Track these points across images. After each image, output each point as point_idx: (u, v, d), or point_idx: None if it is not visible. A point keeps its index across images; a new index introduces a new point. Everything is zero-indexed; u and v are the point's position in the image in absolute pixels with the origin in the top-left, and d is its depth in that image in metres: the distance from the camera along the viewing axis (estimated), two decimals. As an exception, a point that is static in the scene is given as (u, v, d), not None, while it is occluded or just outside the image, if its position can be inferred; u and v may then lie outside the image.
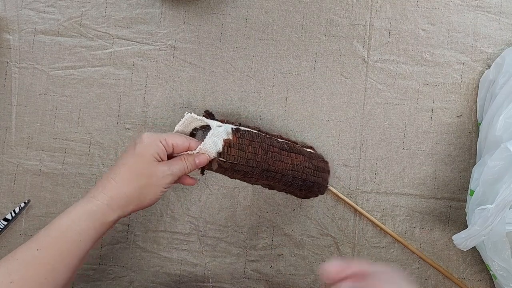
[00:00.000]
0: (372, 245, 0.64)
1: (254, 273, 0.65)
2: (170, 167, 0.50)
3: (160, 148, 0.49)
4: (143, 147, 0.49)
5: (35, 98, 0.67)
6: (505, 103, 0.55)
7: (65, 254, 0.45)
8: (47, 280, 0.43)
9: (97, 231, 0.47)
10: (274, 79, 0.67)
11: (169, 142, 0.50)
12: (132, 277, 0.65)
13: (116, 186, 0.48)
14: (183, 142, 0.51)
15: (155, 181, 0.49)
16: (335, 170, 0.65)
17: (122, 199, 0.48)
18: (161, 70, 0.67)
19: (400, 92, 0.66)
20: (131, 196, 0.48)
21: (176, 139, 0.51)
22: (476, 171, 0.57)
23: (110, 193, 0.48)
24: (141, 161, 0.49)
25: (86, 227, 0.46)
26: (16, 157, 0.66)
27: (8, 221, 0.64)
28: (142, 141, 0.50)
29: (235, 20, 0.68)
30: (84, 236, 0.46)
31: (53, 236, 0.45)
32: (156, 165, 0.49)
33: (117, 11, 0.68)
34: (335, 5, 0.67)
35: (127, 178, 0.48)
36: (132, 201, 0.49)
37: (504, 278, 0.54)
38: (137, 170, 0.49)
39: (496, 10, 0.66)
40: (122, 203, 0.48)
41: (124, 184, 0.48)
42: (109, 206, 0.47)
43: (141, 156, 0.49)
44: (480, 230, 0.49)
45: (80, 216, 0.46)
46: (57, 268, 0.44)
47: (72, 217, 0.46)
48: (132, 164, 0.49)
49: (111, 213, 0.48)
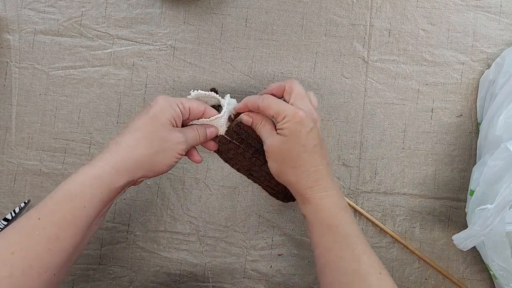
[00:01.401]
0: (372, 245, 0.64)
1: (254, 273, 0.65)
2: (185, 134, 0.48)
3: (176, 112, 0.47)
4: (159, 110, 0.46)
5: (35, 98, 0.67)
6: (505, 103, 0.55)
7: (69, 222, 0.42)
8: (51, 250, 0.41)
9: (104, 197, 0.44)
10: (274, 79, 0.67)
11: (186, 106, 0.48)
12: (132, 277, 0.65)
13: (127, 149, 0.45)
14: (199, 106, 0.49)
15: (170, 146, 0.46)
16: (335, 170, 0.65)
17: (132, 163, 0.45)
18: (161, 70, 0.67)
19: (400, 92, 0.66)
20: (141, 161, 0.45)
21: (192, 103, 0.49)
22: (476, 171, 0.57)
23: (119, 157, 0.44)
24: (156, 125, 0.46)
25: (91, 193, 0.43)
26: (16, 157, 0.66)
27: (8, 221, 0.64)
28: (157, 103, 0.47)
29: (235, 20, 0.68)
30: (90, 202, 0.43)
31: (55, 204, 0.43)
32: (171, 130, 0.46)
33: (117, 11, 0.68)
34: (335, 5, 0.67)
35: (138, 141, 0.45)
36: (143, 166, 0.45)
37: (504, 278, 0.54)
38: (150, 133, 0.45)
39: (496, 10, 0.66)
40: (131, 168, 0.45)
41: (135, 148, 0.45)
42: (116, 170, 0.44)
43: (156, 119, 0.46)
44: (480, 230, 0.49)
45: (84, 181, 0.43)
46: (61, 237, 0.42)
47: (76, 183, 0.43)
48: (145, 127, 0.46)
49: (118, 178, 0.44)
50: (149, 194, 0.66)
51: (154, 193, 0.66)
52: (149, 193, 0.66)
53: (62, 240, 0.42)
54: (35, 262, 0.41)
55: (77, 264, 0.65)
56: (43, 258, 0.41)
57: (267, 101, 0.48)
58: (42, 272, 0.41)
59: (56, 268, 0.42)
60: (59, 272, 0.42)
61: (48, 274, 0.41)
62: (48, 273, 0.41)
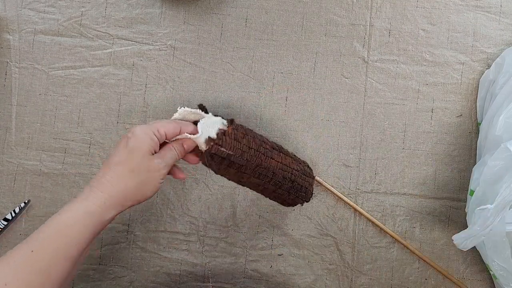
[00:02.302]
0: (372, 245, 0.64)
1: (254, 273, 0.65)
2: (163, 158, 0.49)
3: (154, 141, 0.48)
4: (137, 142, 0.48)
5: (35, 98, 0.67)
6: (505, 103, 0.55)
7: (61, 255, 0.44)
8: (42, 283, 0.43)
9: (95, 230, 0.46)
10: (274, 79, 0.67)
11: (162, 132, 0.49)
12: (132, 277, 0.65)
13: (113, 185, 0.47)
14: (174, 128, 0.50)
15: (152, 175, 0.48)
16: (335, 170, 0.65)
17: (120, 197, 0.47)
18: (161, 70, 0.67)
19: (400, 92, 0.66)
20: (129, 193, 0.47)
21: (167, 126, 0.50)
22: (476, 171, 0.57)
23: (107, 192, 0.46)
24: (136, 157, 0.47)
25: (83, 228, 0.45)
26: (16, 157, 0.66)
27: (8, 221, 0.64)
28: (134, 135, 0.48)
29: (235, 20, 0.68)
30: (81, 237, 0.45)
31: (48, 238, 0.44)
32: (151, 159, 0.48)
33: (117, 11, 0.68)
34: (335, 5, 0.67)
35: (123, 176, 0.47)
36: (130, 198, 0.48)
37: (504, 278, 0.54)
38: (132, 166, 0.47)
39: (496, 10, 0.66)
40: (120, 201, 0.47)
41: (121, 183, 0.47)
42: (106, 205, 0.46)
43: (135, 151, 0.48)
44: (480, 230, 0.49)
45: (76, 217, 0.45)
46: (53, 270, 0.43)
47: (68, 218, 0.45)
48: (126, 160, 0.47)
49: (109, 211, 0.47)
50: (149, 194, 0.66)
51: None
52: (149, 193, 0.66)
53: (53, 272, 0.43)
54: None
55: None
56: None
57: None
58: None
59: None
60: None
61: None
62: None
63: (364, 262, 0.64)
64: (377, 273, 0.64)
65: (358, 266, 0.64)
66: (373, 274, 0.64)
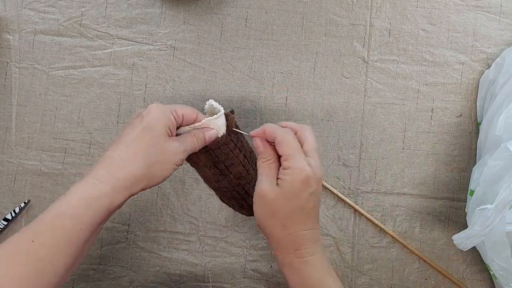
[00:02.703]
0: (372, 245, 0.64)
1: (254, 273, 0.65)
2: (182, 143, 0.45)
3: (171, 121, 0.44)
4: (153, 120, 0.43)
5: (35, 98, 0.67)
6: (505, 103, 0.55)
7: (63, 244, 0.40)
8: (44, 272, 0.40)
9: (102, 217, 0.42)
10: (274, 79, 0.67)
11: (180, 113, 0.45)
12: (132, 277, 0.65)
13: (123, 165, 0.42)
14: (192, 113, 0.47)
15: (167, 158, 0.44)
16: (335, 170, 0.65)
17: (130, 179, 0.42)
18: (161, 70, 0.67)
19: (400, 92, 0.66)
20: (140, 176, 0.43)
21: (184, 108, 0.46)
22: (476, 171, 0.57)
23: (116, 174, 0.42)
24: (151, 136, 0.43)
25: (88, 215, 0.41)
26: (16, 157, 0.66)
27: (8, 221, 0.64)
28: (150, 113, 0.44)
29: (235, 20, 0.68)
30: (86, 224, 0.41)
31: (50, 227, 0.41)
32: (167, 140, 0.44)
33: (117, 11, 0.68)
34: (335, 5, 0.67)
35: (135, 155, 0.42)
36: (141, 181, 0.43)
37: (504, 278, 0.54)
38: (147, 146, 0.43)
39: (496, 10, 0.66)
40: (130, 184, 0.42)
41: (132, 163, 0.42)
42: (115, 189, 0.42)
43: (150, 130, 0.43)
44: (480, 230, 0.49)
45: (80, 202, 0.41)
46: (55, 259, 0.40)
47: (71, 204, 0.41)
48: (141, 139, 0.43)
49: (118, 197, 0.42)
50: (149, 194, 0.66)
51: (154, 193, 0.66)
52: (149, 193, 0.66)
53: (55, 262, 0.40)
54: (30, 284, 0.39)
55: (77, 264, 0.65)
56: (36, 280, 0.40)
57: (285, 139, 0.44)
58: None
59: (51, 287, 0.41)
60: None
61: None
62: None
63: (364, 262, 0.64)
64: (377, 273, 0.64)
65: (358, 266, 0.64)
66: (373, 274, 0.64)
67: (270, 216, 0.45)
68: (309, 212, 0.44)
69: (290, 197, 0.43)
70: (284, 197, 0.43)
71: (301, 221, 0.44)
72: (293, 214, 0.43)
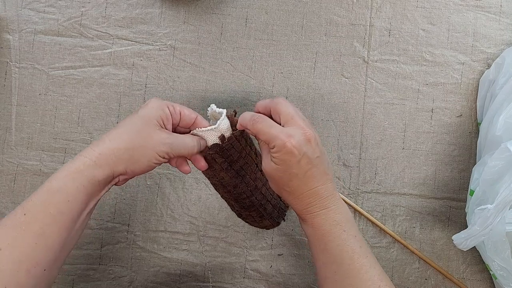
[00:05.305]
0: (372, 245, 0.64)
1: (254, 273, 0.65)
2: (172, 136, 0.47)
3: (165, 113, 0.47)
4: (147, 110, 0.47)
5: (35, 98, 0.67)
6: (505, 103, 0.55)
7: (54, 217, 0.43)
8: (37, 245, 0.41)
9: (88, 190, 0.44)
10: (274, 79, 0.67)
11: (177, 109, 0.48)
12: (132, 277, 0.65)
13: (108, 143, 0.45)
14: (191, 114, 0.49)
15: (150, 144, 0.46)
16: (335, 170, 0.65)
17: (111, 156, 0.45)
18: (161, 70, 0.67)
19: (400, 92, 0.66)
20: (121, 154, 0.45)
21: (184, 108, 0.49)
22: (476, 171, 0.57)
23: (99, 149, 0.45)
24: (141, 122, 0.46)
25: (74, 186, 0.43)
26: (16, 157, 0.66)
27: (8, 221, 0.65)
28: (148, 104, 0.47)
29: (235, 20, 0.68)
30: (73, 196, 0.43)
31: (40, 200, 0.43)
32: (156, 129, 0.46)
33: (117, 11, 0.68)
34: (335, 5, 0.67)
35: (120, 135, 0.46)
36: (122, 160, 0.45)
37: (504, 278, 0.54)
38: (133, 129, 0.46)
39: (496, 10, 0.66)
40: (110, 160, 0.45)
41: (116, 141, 0.45)
42: (95, 163, 0.44)
43: (143, 117, 0.46)
44: (480, 230, 0.49)
45: (66, 176, 0.44)
46: (47, 232, 0.42)
47: (58, 178, 0.44)
48: (131, 123, 0.46)
49: (98, 170, 0.44)
50: (149, 194, 0.66)
51: (154, 193, 0.66)
52: (149, 193, 0.66)
53: (48, 235, 0.42)
54: (23, 258, 0.41)
55: (77, 264, 0.65)
56: (30, 253, 0.41)
57: (258, 127, 0.47)
58: (31, 268, 0.41)
59: (46, 264, 0.42)
60: (50, 268, 0.43)
61: (37, 269, 0.41)
62: (38, 269, 0.41)
63: (364, 262, 0.64)
64: (377, 273, 0.64)
65: (358, 266, 0.64)
66: (373, 274, 0.64)
67: (277, 188, 0.49)
68: (306, 175, 0.46)
69: (284, 170, 0.46)
70: (278, 170, 0.46)
71: (301, 185, 0.47)
72: (291, 182, 0.47)
